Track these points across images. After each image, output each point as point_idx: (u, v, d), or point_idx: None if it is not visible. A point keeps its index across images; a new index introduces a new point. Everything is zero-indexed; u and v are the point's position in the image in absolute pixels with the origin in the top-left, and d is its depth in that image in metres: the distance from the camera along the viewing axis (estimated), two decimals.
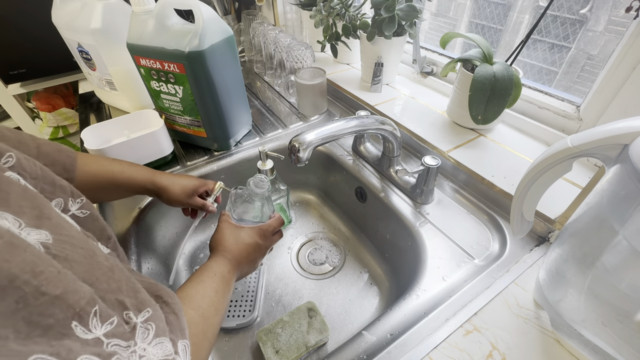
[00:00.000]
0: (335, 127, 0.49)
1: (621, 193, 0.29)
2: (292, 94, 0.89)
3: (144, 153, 0.63)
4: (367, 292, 0.63)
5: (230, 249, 0.44)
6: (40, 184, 0.28)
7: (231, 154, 0.71)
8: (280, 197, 0.67)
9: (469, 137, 0.65)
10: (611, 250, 0.29)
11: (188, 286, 0.37)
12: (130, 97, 0.81)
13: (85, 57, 0.76)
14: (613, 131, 0.29)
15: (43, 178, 0.29)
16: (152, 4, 0.57)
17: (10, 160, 0.27)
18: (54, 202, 0.29)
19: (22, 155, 0.28)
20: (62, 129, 1.24)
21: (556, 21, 1.26)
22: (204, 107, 0.62)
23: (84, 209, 0.32)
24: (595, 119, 0.56)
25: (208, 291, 0.37)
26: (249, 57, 1.11)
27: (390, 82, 0.86)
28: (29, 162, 0.29)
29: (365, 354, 0.39)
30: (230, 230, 0.47)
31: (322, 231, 0.75)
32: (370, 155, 0.68)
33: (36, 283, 0.16)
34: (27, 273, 0.16)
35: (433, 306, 0.43)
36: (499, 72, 0.57)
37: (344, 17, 0.82)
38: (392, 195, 0.61)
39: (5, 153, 0.27)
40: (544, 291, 0.40)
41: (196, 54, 0.55)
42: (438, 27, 1.56)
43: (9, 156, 0.27)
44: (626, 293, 0.29)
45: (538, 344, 0.39)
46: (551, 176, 0.35)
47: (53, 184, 0.30)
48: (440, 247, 0.51)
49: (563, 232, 0.37)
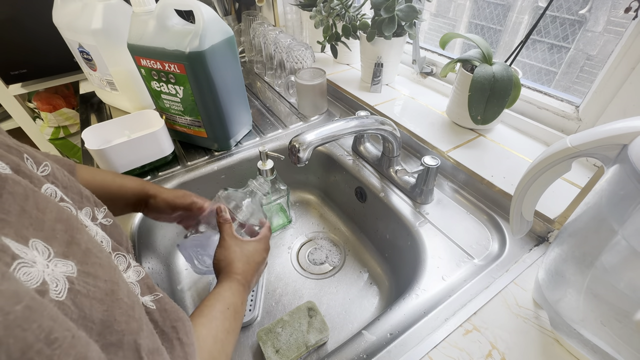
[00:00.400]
0: (335, 128, 0.49)
1: (620, 193, 0.29)
2: (292, 94, 0.89)
3: (145, 153, 0.64)
4: (367, 292, 0.63)
5: (243, 269, 0.42)
6: (70, 194, 0.28)
7: (231, 154, 0.71)
8: (280, 197, 0.67)
9: (468, 137, 0.66)
10: (610, 250, 0.29)
11: (199, 323, 0.34)
12: (130, 98, 0.81)
13: (86, 57, 0.76)
14: (612, 131, 0.29)
15: (71, 187, 0.29)
16: (153, 4, 0.57)
17: (46, 169, 0.27)
18: (84, 212, 0.29)
19: (55, 165, 0.28)
20: (62, 129, 1.24)
21: (555, 22, 1.26)
22: (204, 108, 0.63)
23: (108, 217, 0.32)
24: (595, 119, 0.56)
25: (220, 332, 0.34)
26: (249, 57, 1.11)
27: (390, 83, 0.86)
28: (60, 172, 0.28)
29: (365, 354, 0.39)
30: (239, 247, 0.44)
31: (322, 231, 0.75)
32: (370, 155, 0.68)
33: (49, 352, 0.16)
34: (41, 341, 0.15)
35: (433, 306, 0.43)
36: (498, 73, 0.57)
37: (344, 18, 0.82)
38: (391, 195, 0.61)
39: (42, 162, 0.27)
40: (543, 291, 0.40)
41: (197, 54, 0.55)
42: (438, 27, 1.56)
43: (45, 165, 0.27)
44: (625, 293, 0.29)
45: (537, 343, 0.39)
46: (550, 176, 0.36)
47: (80, 193, 0.30)
48: (440, 246, 0.51)
49: (562, 232, 0.37)
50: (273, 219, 0.73)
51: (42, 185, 0.24)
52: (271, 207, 0.69)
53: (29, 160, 0.26)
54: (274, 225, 0.74)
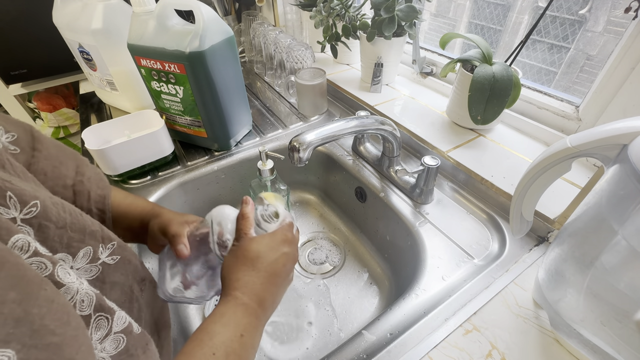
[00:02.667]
0: (335, 128, 0.49)
1: (620, 193, 0.29)
2: (292, 94, 0.89)
3: (145, 153, 0.64)
4: (367, 292, 0.63)
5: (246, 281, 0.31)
6: (67, 233, 0.26)
7: (231, 154, 0.71)
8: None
9: (468, 137, 0.66)
10: (610, 250, 0.29)
11: None
12: (130, 98, 0.81)
13: (86, 57, 0.76)
14: (612, 131, 0.29)
15: (71, 225, 0.27)
16: (153, 4, 0.57)
17: (33, 210, 0.24)
18: (82, 252, 0.27)
19: (52, 201, 0.26)
20: (63, 129, 1.24)
21: (555, 22, 1.26)
22: (204, 108, 0.63)
23: (114, 254, 0.31)
24: (595, 119, 0.56)
25: None
26: (249, 57, 1.11)
27: (390, 83, 0.86)
28: (57, 208, 0.26)
29: (365, 354, 0.39)
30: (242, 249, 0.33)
31: (322, 231, 0.75)
32: (370, 155, 0.68)
33: None
34: None
35: (433, 306, 0.43)
36: (498, 73, 0.57)
37: (344, 18, 0.82)
38: (391, 195, 0.61)
39: (30, 202, 0.24)
40: (543, 291, 0.40)
41: (197, 54, 0.55)
42: (438, 27, 1.56)
43: (34, 205, 0.24)
44: (625, 293, 0.29)
45: (537, 343, 0.39)
46: (550, 176, 0.36)
47: (83, 231, 0.28)
48: (440, 246, 0.51)
49: (562, 232, 0.37)
50: None
51: (11, 237, 0.20)
52: None
53: (12, 200, 0.23)
54: None
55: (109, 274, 0.30)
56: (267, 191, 0.65)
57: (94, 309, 0.24)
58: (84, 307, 0.23)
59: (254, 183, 0.66)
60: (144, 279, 0.34)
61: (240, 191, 0.74)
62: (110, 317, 0.25)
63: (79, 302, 0.23)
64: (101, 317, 0.24)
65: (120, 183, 0.64)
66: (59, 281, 0.22)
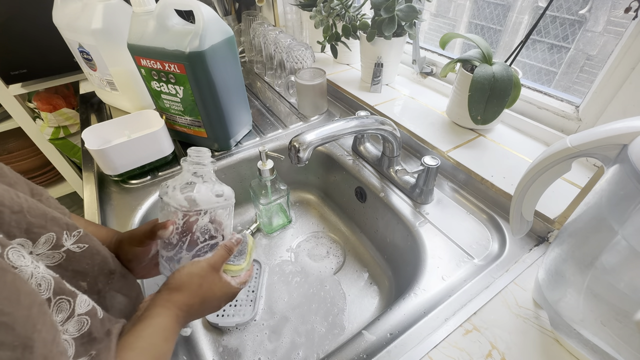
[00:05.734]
0: (335, 128, 0.49)
1: (620, 193, 0.29)
2: (292, 94, 0.89)
3: (145, 153, 0.64)
4: (367, 292, 0.63)
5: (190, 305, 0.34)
6: (26, 218, 0.26)
7: (231, 154, 0.71)
8: (280, 197, 0.67)
9: (468, 137, 0.66)
10: (610, 250, 0.29)
11: None
12: (130, 98, 0.81)
13: (86, 57, 0.76)
14: (612, 131, 0.29)
15: (29, 210, 0.26)
16: (153, 4, 0.57)
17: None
18: (44, 238, 0.27)
19: (3, 187, 0.26)
20: (62, 129, 1.24)
21: (555, 22, 1.26)
22: (204, 108, 0.63)
23: (81, 242, 0.30)
24: (595, 119, 0.56)
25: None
26: (249, 57, 1.11)
27: (390, 83, 0.86)
28: (10, 194, 0.26)
29: (365, 354, 0.39)
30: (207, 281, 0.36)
31: (322, 231, 0.75)
32: (370, 155, 0.68)
33: None
34: None
35: (433, 306, 0.43)
36: (498, 73, 0.57)
37: (344, 18, 0.82)
38: (391, 195, 0.61)
39: None
40: (543, 291, 0.40)
41: (197, 54, 0.55)
42: (438, 27, 1.56)
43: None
44: (625, 292, 0.29)
45: (537, 343, 0.39)
46: (550, 176, 0.36)
47: (44, 217, 0.28)
48: (440, 246, 0.51)
49: (562, 232, 0.37)
50: (273, 219, 0.73)
51: None
52: (271, 207, 0.69)
53: None
54: (274, 225, 0.74)
55: (73, 262, 0.29)
56: (267, 191, 0.65)
57: (54, 293, 0.24)
58: (42, 290, 0.23)
59: (254, 183, 0.66)
60: (112, 272, 0.33)
61: (240, 191, 0.74)
62: (72, 299, 0.25)
63: (36, 285, 0.23)
64: (62, 299, 0.25)
65: (120, 183, 0.64)
66: (10, 264, 0.22)
